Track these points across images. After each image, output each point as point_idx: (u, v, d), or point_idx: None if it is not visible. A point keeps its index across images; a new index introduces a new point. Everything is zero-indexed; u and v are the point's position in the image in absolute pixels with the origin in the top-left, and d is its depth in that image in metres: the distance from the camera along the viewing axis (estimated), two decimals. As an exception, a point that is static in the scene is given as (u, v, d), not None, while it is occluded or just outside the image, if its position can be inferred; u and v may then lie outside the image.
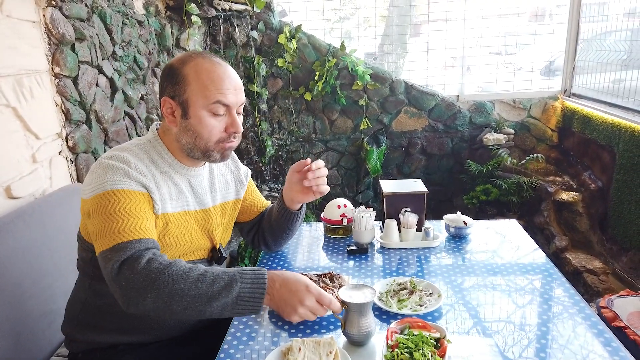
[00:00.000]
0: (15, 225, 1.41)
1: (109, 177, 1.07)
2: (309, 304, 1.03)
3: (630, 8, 2.99)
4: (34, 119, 1.67)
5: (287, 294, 1.03)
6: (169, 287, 0.96)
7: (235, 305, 0.99)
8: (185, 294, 0.96)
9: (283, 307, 1.03)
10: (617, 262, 2.78)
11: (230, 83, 1.14)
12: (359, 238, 1.64)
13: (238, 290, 0.99)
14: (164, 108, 1.16)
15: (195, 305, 0.97)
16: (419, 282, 1.32)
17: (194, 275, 0.99)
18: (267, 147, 3.88)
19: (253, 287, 1.00)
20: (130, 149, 1.17)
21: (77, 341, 1.25)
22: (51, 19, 1.76)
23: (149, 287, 0.96)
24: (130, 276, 0.97)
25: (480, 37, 3.87)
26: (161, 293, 0.96)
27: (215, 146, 1.17)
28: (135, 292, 0.96)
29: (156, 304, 0.97)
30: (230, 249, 3.21)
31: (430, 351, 0.98)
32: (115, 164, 1.10)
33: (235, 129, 1.16)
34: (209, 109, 1.13)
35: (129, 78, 2.41)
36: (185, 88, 1.12)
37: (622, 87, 3.01)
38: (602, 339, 1.08)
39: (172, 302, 0.97)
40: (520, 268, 1.45)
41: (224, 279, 1.00)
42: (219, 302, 0.98)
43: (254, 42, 3.70)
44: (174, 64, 1.15)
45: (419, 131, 3.93)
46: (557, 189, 3.35)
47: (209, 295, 0.97)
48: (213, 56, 1.16)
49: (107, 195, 1.05)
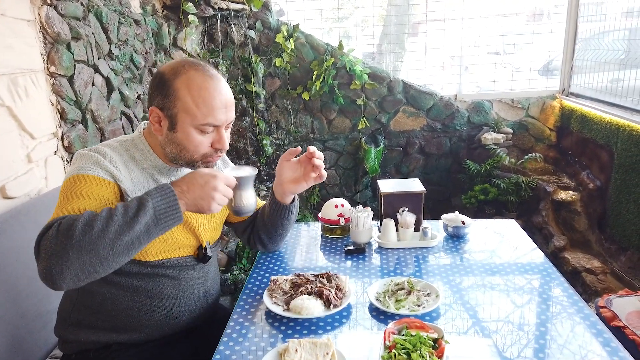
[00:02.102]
0: (10, 225, 1.39)
1: (80, 164, 1.10)
2: (221, 189, 1.05)
3: (628, 7, 2.98)
4: (29, 119, 1.66)
5: (199, 190, 1.03)
6: (87, 235, 0.92)
7: (157, 220, 0.98)
8: (104, 233, 0.93)
9: (201, 203, 1.03)
10: (616, 261, 2.78)
11: (221, 101, 1.12)
12: (357, 238, 1.63)
13: (152, 206, 0.98)
14: (151, 116, 1.15)
15: (119, 238, 0.94)
16: (417, 282, 1.32)
17: (105, 214, 0.96)
18: (265, 147, 3.87)
19: (164, 198, 1.00)
20: (111, 144, 1.18)
21: (70, 342, 1.24)
22: (46, 17, 1.75)
23: (68, 246, 0.91)
24: (46, 244, 0.92)
25: (478, 37, 3.87)
26: (83, 244, 0.91)
27: (200, 158, 1.17)
28: (55, 258, 0.91)
29: (81, 258, 0.91)
30: (228, 249, 3.20)
31: (428, 352, 0.98)
32: (90, 153, 1.12)
33: (221, 147, 1.16)
34: (197, 128, 1.12)
35: (126, 77, 2.40)
36: (175, 102, 1.10)
37: (620, 86, 3.01)
38: (601, 339, 1.07)
39: (97, 248, 0.92)
40: (518, 268, 1.45)
41: (134, 203, 0.99)
42: (140, 224, 0.96)
43: (252, 42, 3.69)
44: (165, 73, 1.12)
45: (417, 131, 3.92)
46: (555, 188, 3.35)
47: (127, 223, 0.95)
48: (206, 68, 1.14)
49: (73, 179, 1.07)
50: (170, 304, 1.25)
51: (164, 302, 1.23)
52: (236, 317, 1.25)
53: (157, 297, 1.22)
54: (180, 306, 1.27)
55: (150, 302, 1.21)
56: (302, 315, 1.19)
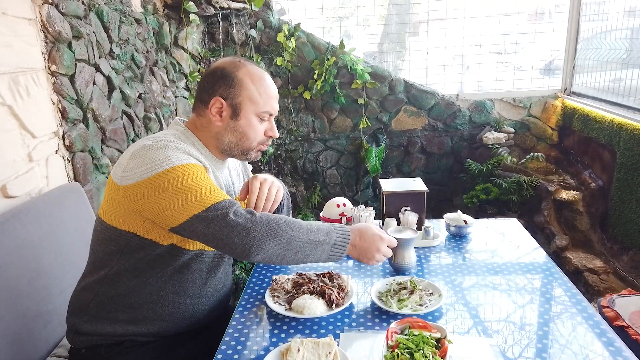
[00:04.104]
0: (11, 224, 1.39)
1: (169, 155, 1.10)
2: (384, 250, 1.24)
3: (630, 7, 2.97)
4: (30, 118, 1.66)
5: (366, 245, 1.22)
6: (287, 234, 1.10)
7: (330, 251, 1.17)
8: (299, 239, 1.12)
9: (363, 255, 1.23)
10: (618, 261, 2.77)
11: (274, 93, 1.27)
12: (359, 237, 1.62)
13: (335, 238, 1.17)
14: (213, 107, 1.21)
15: (304, 249, 1.13)
16: (419, 282, 1.31)
17: (304, 225, 1.15)
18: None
19: (343, 237, 1.19)
20: (165, 137, 1.18)
21: (83, 334, 1.23)
22: (47, 16, 1.74)
23: (272, 235, 1.08)
24: (253, 226, 1.07)
25: (479, 36, 3.86)
26: (281, 240, 1.10)
27: (256, 146, 1.28)
28: (259, 240, 1.07)
29: (275, 250, 1.09)
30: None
31: (431, 351, 0.97)
32: (169, 144, 1.14)
33: (273, 134, 1.29)
34: (258, 115, 1.24)
35: (127, 76, 2.39)
36: (240, 91, 1.21)
37: (622, 85, 3.00)
38: (604, 339, 1.07)
39: (288, 248, 1.11)
40: (520, 267, 1.44)
41: (324, 229, 1.18)
42: (321, 247, 1.15)
43: (253, 41, 3.69)
44: (226, 67, 1.22)
45: (419, 130, 3.92)
46: (557, 188, 3.34)
47: (316, 241, 1.14)
48: (258, 66, 1.28)
49: (173, 171, 1.08)
50: (194, 302, 1.27)
51: (188, 299, 1.25)
52: (238, 316, 1.25)
53: (182, 294, 1.24)
54: (202, 305, 1.29)
55: (174, 297, 1.23)
56: (304, 315, 1.19)
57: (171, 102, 2.96)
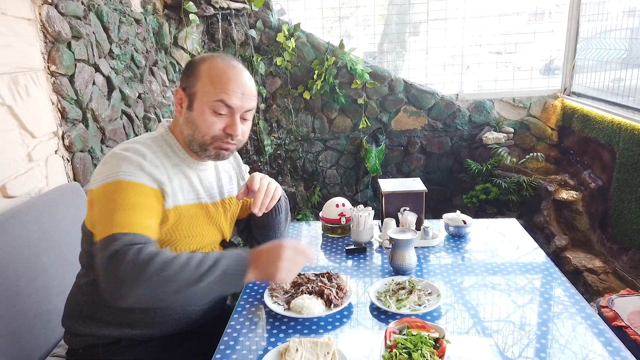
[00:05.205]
0: (10, 224, 1.39)
1: (123, 168, 1.09)
2: (288, 255, 1.04)
3: (630, 7, 2.97)
4: (30, 118, 1.66)
5: (266, 258, 1.05)
6: (157, 275, 0.97)
7: (221, 281, 1.01)
8: (174, 279, 0.98)
9: (267, 271, 1.04)
10: (618, 261, 2.77)
11: (239, 87, 1.16)
12: (358, 237, 1.63)
13: (225, 265, 1.02)
14: (175, 97, 1.20)
15: (185, 288, 0.98)
16: (418, 282, 1.31)
17: (180, 261, 1.00)
18: (266, 147, 3.87)
19: (237, 262, 1.03)
20: (144, 142, 1.18)
21: (79, 335, 1.23)
22: (47, 16, 1.75)
23: (138, 278, 0.96)
24: (119, 268, 0.96)
25: (479, 36, 3.86)
26: (150, 282, 0.96)
27: (211, 142, 1.17)
28: (124, 284, 0.96)
29: (145, 294, 0.97)
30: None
31: (429, 351, 0.97)
32: (131, 155, 1.11)
33: (232, 132, 1.16)
34: (211, 106, 1.14)
35: (126, 77, 2.39)
36: (195, 82, 1.16)
37: (622, 85, 3.00)
38: (602, 339, 1.07)
39: (163, 290, 0.98)
40: (520, 267, 1.44)
41: (210, 258, 1.03)
42: (207, 279, 1.00)
43: (253, 41, 3.69)
44: (195, 59, 1.20)
45: (418, 130, 3.92)
46: (557, 188, 3.34)
47: (199, 275, 0.99)
48: (233, 60, 1.19)
49: (118, 184, 1.06)
50: (186, 304, 1.26)
51: None
52: (237, 316, 1.25)
53: None
54: (195, 306, 1.28)
55: None
56: (303, 315, 1.19)
57: (171, 102, 2.97)
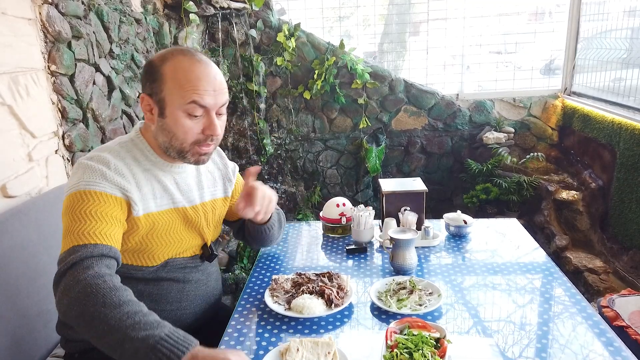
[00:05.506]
0: (10, 224, 1.39)
1: (85, 178, 1.06)
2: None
3: (631, 6, 2.97)
4: (30, 118, 1.66)
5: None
6: (95, 307, 0.90)
7: (149, 352, 0.85)
8: (105, 321, 0.89)
9: None
10: (618, 261, 2.77)
11: (209, 83, 1.09)
12: (358, 237, 1.63)
13: (158, 338, 0.87)
14: (142, 105, 1.13)
15: (111, 336, 0.88)
16: (419, 282, 1.31)
17: (125, 309, 0.90)
18: (266, 146, 3.87)
19: (177, 343, 0.88)
20: (112, 148, 1.15)
21: (74, 341, 1.23)
22: (47, 16, 1.74)
23: (79, 300, 0.91)
24: (69, 283, 0.94)
25: (480, 36, 3.85)
26: (86, 310, 0.90)
27: (191, 147, 1.12)
28: (67, 300, 0.93)
29: (78, 320, 0.92)
30: (229, 249, 3.19)
31: (430, 351, 0.97)
32: (94, 164, 1.08)
33: (212, 132, 1.11)
34: (184, 110, 1.08)
35: (127, 76, 2.39)
36: (162, 87, 1.08)
37: (623, 85, 3.00)
38: (603, 339, 1.07)
39: (92, 323, 0.90)
40: (520, 267, 1.44)
41: (152, 325, 0.89)
42: (133, 344, 0.86)
43: (253, 41, 3.69)
44: (154, 60, 1.11)
45: (419, 130, 3.92)
46: (557, 187, 3.34)
47: (128, 334, 0.87)
48: (196, 54, 1.11)
49: (79, 195, 1.04)
50: (175, 308, 1.24)
51: (168, 305, 1.23)
52: (237, 316, 1.25)
53: (162, 302, 1.22)
54: (185, 309, 1.27)
55: (154, 306, 1.18)
56: (304, 315, 1.19)
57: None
